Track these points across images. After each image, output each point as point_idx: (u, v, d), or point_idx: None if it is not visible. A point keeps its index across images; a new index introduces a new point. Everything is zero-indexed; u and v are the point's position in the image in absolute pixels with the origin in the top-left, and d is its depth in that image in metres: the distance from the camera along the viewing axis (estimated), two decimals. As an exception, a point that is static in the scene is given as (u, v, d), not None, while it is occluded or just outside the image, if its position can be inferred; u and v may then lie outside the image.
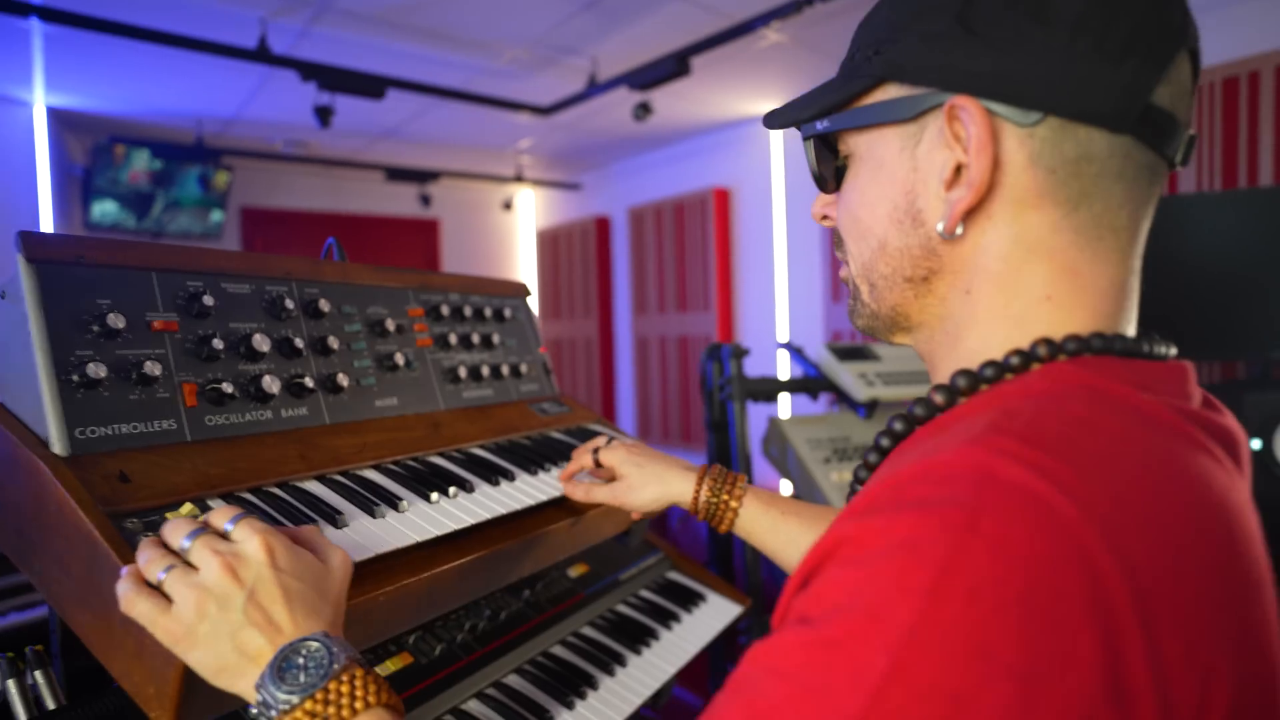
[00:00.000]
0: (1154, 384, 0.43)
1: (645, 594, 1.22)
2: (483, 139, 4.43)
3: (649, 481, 0.89)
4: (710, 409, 1.74)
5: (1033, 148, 0.44)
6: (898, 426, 0.51)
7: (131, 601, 0.49)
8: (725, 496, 0.86)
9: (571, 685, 0.92)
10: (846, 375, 1.61)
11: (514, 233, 6.54)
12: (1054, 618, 0.32)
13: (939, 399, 0.48)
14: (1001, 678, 0.32)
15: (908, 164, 0.49)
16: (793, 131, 4.22)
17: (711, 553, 1.74)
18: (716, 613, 1.23)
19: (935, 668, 0.32)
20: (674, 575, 1.31)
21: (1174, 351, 0.48)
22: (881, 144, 0.50)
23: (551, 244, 6.14)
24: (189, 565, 0.51)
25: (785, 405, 3.85)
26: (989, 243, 0.47)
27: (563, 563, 1.16)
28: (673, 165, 5.10)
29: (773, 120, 0.59)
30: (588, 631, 1.06)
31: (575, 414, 1.22)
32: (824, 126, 0.54)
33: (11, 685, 0.68)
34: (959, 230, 0.47)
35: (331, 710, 0.46)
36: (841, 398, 1.70)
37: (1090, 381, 0.42)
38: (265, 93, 3.30)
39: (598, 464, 0.92)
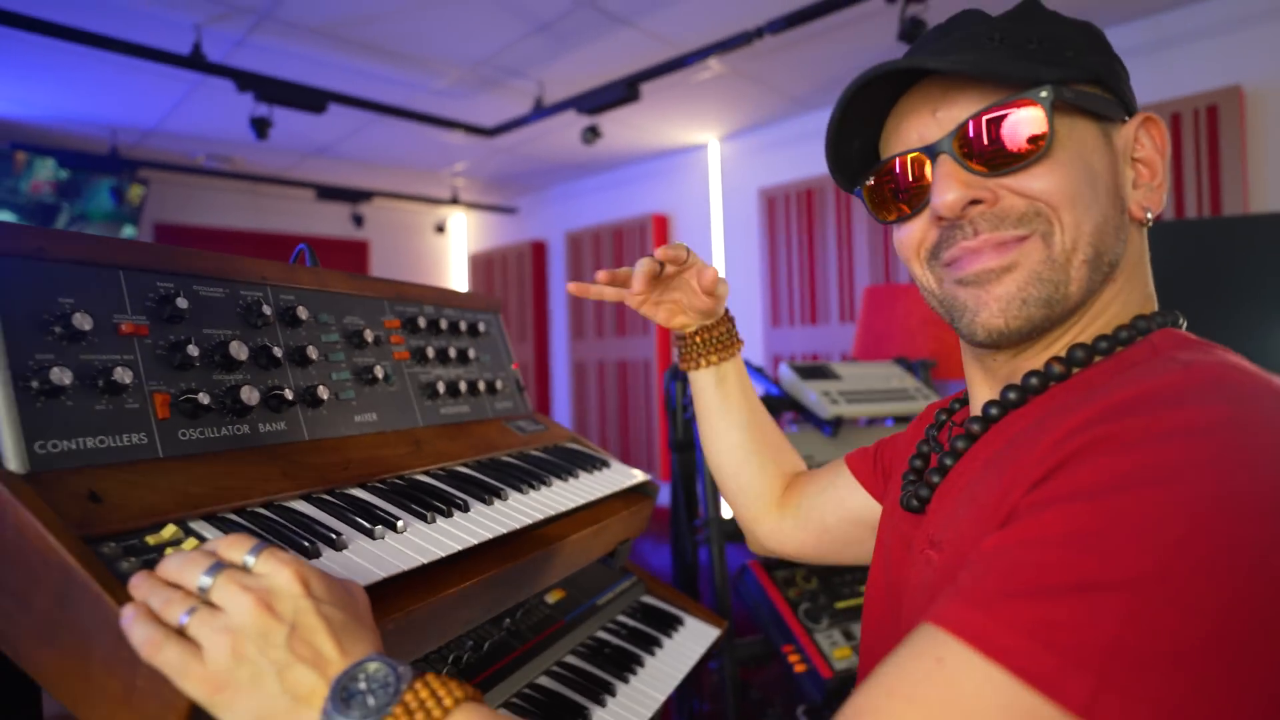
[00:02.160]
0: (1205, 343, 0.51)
1: (624, 619, 1.18)
2: (418, 160, 4.34)
3: (683, 295, 0.90)
4: (675, 428, 1.73)
5: None
6: (1012, 396, 0.55)
7: (157, 647, 0.43)
8: (711, 354, 0.93)
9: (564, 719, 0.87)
10: (811, 394, 1.62)
11: (445, 256, 6.40)
12: None
13: (1058, 368, 0.53)
14: None
15: (1109, 156, 0.54)
16: (733, 160, 4.31)
17: (678, 579, 1.71)
18: (696, 636, 1.20)
19: (1234, 523, 0.35)
20: (649, 599, 1.27)
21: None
22: (1087, 133, 0.54)
23: (485, 267, 6.04)
24: (211, 605, 0.45)
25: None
26: (1137, 239, 0.56)
27: (539, 591, 1.11)
28: (611, 191, 5.12)
29: (960, 65, 0.52)
30: (572, 660, 1.02)
31: (551, 432, 1.18)
32: (1068, 96, 0.52)
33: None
34: (1150, 217, 0.55)
35: (421, 716, 0.42)
36: (804, 416, 1.72)
37: (1188, 340, 0.50)
38: (191, 103, 3.13)
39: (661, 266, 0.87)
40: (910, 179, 0.58)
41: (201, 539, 0.56)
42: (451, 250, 6.44)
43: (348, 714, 0.42)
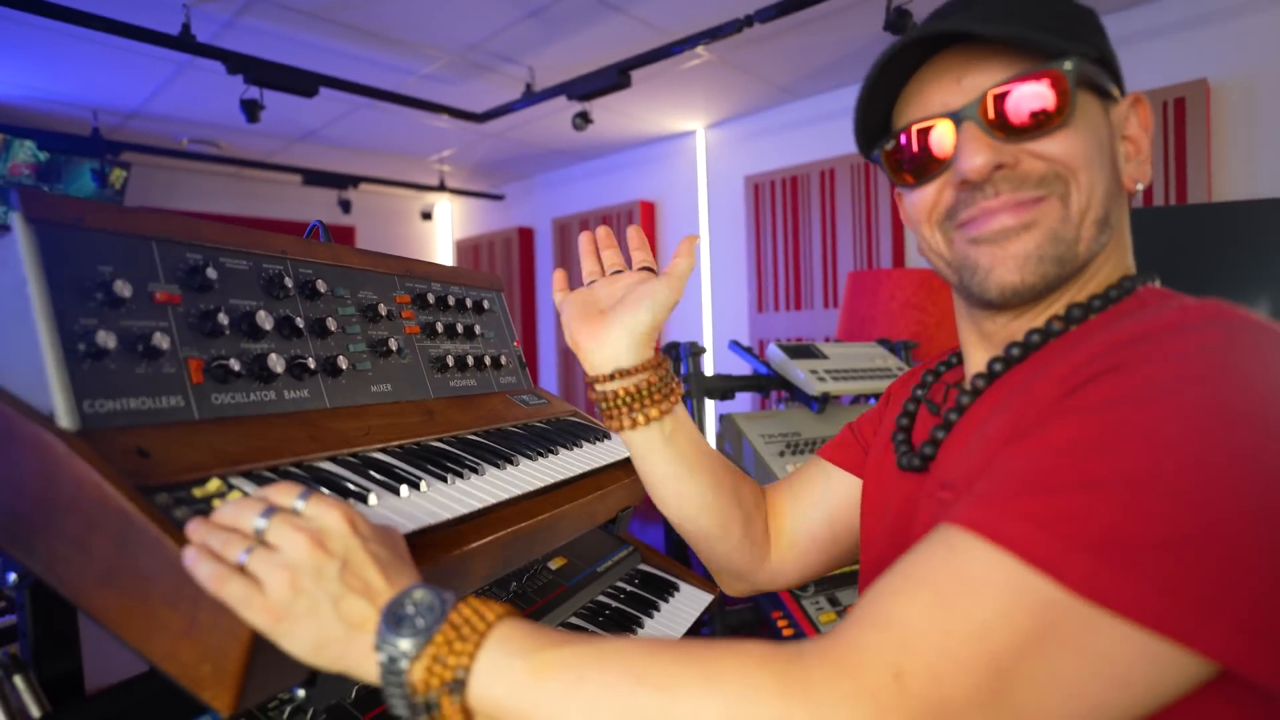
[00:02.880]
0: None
1: (623, 585, 1.23)
2: (405, 146, 4.33)
3: (621, 322, 0.72)
4: (668, 407, 1.77)
5: None
6: (1015, 352, 0.59)
7: (222, 581, 0.47)
8: (653, 408, 0.72)
9: (572, 671, 0.91)
10: (799, 372, 1.67)
11: (432, 242, 6.39)
12: None
13: (1058, 325, 0.58)
14: (1275, 440, 0.40)
15: (1108, 129, 0.59)
16: (720, 147, 4.35)
17: (669, 549, 1.76)
18: (691, 600, 1.26)
19: (1224, 430, 0.39)
20: (646, 567, 1.32)
21: None
22: (1094, 106, 0.59)
23: (472, 254, 6.04)
24: (266, 545, 0.49)
25: (710, 406, 3.94)
26: (1122, 208, 0.61)
27: (543, 556, 1.15)
28: (598, 177, 5.14)
29: (1003, 29, 0.54)
30: (576, 622, 1.06)
31: (553, 406, 1.22)
32: (1072, 68, 0.55)
33: (-10, 689, 0.62)
34: (1140, 186, 0.61)
35: (467, 629, 0.46)
36: (792, 394, 1.77)
37: (1170, 294, 0.56)
38: (177, 85, 3.11)
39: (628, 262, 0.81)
40: (931, 144, 0.60)
41: (243, 493, 0.60)
42: (438, 236, 6.43)
43: (399, 634, 0.46)
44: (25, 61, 2.87)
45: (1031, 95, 0.55)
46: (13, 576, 0.67)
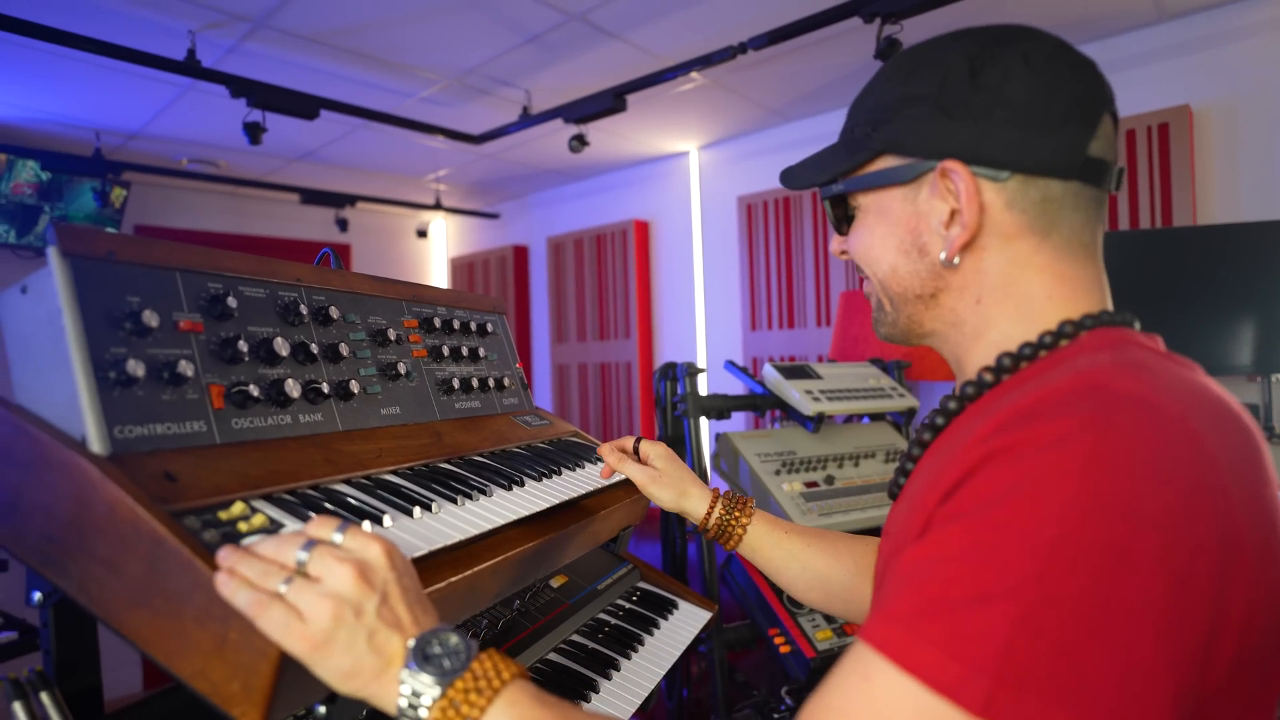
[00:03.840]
0: (1146, 341, 0.56)
1: (623, 602, 1.25)
2: (402, 166, 4.37)
3: (674, 483, 0.97)
4: (665, 425, 1.80)
5: (1007, 196, 0.59)
6: (951, 405, 0.62)
7: (264, 607, 0.49)
8: (738, 514, 0.96)
9: (576, 690, 0.94)
10: (794, 392, 1.71)
11: (427, 260, 6.42)
12: (1179, 483, 0.42)
13: (989, 376, 0.59)
14: (1150, 529, 0.40)
15: (910, 211, 0.63)
16: (713, 168, 4.43)
17: (667, 566, 1.78)
18: (690, 618, 1.28)
19: (1098, 527, 0.40)
20: (645, 585, 1.35)
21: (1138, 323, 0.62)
22: (887, 198, 0.65)
23: (467, 272, 6.07)
24: (306, 576, 0.52)
25: (705, 426, 3.97)
26: (987, 266, 0.61)
27: (551, 570, 1.18)
28: (592, 197, 5.19)
29: (791, 181, 0.74)
30: (578, 639, 1.09)
31: (555, 427, 1.25)
32: (839, 189, 0.68)
33: (19, 708, 0.64)
34: (957, 260, 0.61)
35: (484, 683, 0.49)
36: (788, 414, 1.80)
37: (1117, 339, 0.55)
38: (179, 107, 3.14)
39: (637, 451, 1.01)
40: None
41: (266, 515, 0.62)
42: (433, 254, 6.46)
43: (425, 671, 0.49)
44: (30, 84, 2.90)
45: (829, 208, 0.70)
46: (38, 595, 0.69)
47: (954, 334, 0.64)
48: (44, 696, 0.66)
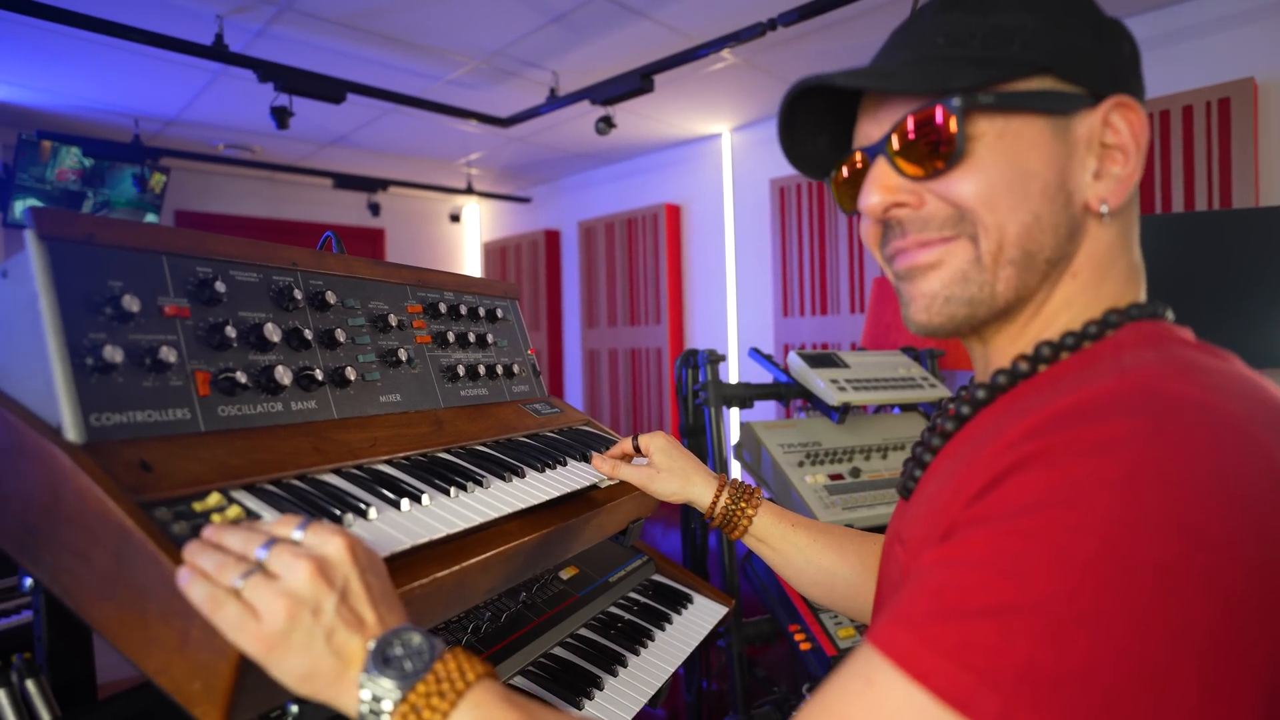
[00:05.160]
0: (1183, 334, 0.51)
1: (635, 595, 1.22)
2: (433, 149, 4.38)
3: (676, 475, 0.92)
4: (685, 414, 1.76)
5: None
6: (981, 395, 0.55)
7: (218, 604, 0.47)
8: (744, 505, 0.90)
9: (578, 686, 0.91)
10: (819, 381, 1.65)
11: (460, 244, 6.45)
12: (1240, 497, 0.37)
13: (1024, 366, 0.53)
14: (1199, 547, 0.36)
15: (1061, 149, 0.52)
16: (745, 150, 4.33)
17: (687, 558, 1.75)
18: (705, 613, 1.24)
19: (1139, 543, 0.36)
20: (659, 578, 1.31)
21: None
22: (1025, 129, 0.51)
23: (499, 256, 6.08)
24: (265, 573, 0.49)
25: (735, 414, 3.92)
26: (1104, 232, 0.54)
27: (554, 565, 1.15)
28: (623, 180, 5.14)
29: (885, 82, 0.53)
30: (585, 633, 1.06)
31: (566, 415, 1.22)
32: (988, 101, 0.51)
33: (2, 695, 0.63)
34: (1105, 211, 0.52)
35: (446, 686, 0.46)
36: (812, 403, 1.75)
37: (1157, 335, 0.50)
38: (212, 93, 3.18)
39: (637, 449, 0.97)
40: (859, 176, 0.59)
41: (243, 506, 0.60)
42: (466, 239, 6.49)
43: (385, 674, 0.46)
44: (72, 73, 2.97)
45: (921, 133, 0.52)
46: (29, 581, 0.69)
47: (1023, 313, 0.55)
48: (30, 685, 0.65)
